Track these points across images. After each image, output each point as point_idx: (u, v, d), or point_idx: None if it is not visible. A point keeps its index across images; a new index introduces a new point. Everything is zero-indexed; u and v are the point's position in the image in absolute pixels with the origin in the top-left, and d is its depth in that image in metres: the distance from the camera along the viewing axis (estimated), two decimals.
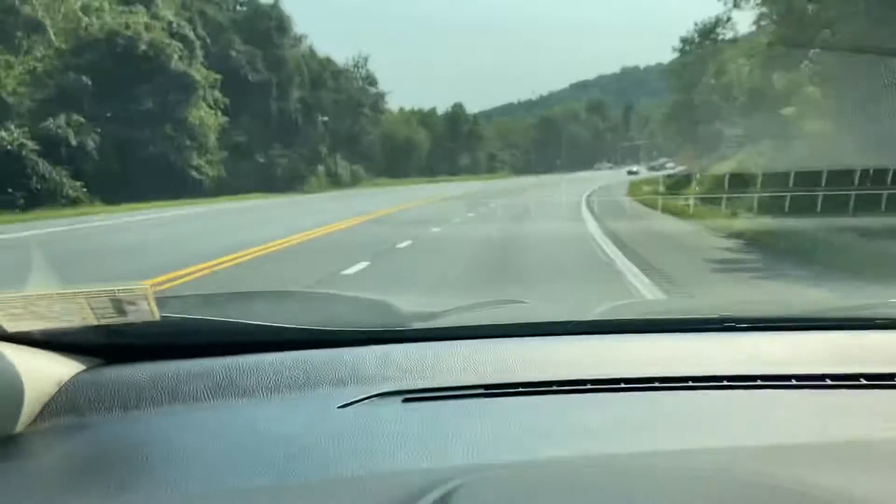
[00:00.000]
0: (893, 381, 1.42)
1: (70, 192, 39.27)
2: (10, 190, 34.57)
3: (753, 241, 13.18)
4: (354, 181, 69.88)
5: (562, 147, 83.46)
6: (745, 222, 15.46)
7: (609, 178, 50.35)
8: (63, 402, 1.35)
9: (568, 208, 25.44)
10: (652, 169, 60.66)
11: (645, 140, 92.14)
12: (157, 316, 1.30)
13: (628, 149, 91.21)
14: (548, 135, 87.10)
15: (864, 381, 1.41)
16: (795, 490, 0.98)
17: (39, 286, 1.35)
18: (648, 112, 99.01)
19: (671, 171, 50.18)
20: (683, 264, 10.95)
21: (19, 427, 1.28)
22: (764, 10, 28.23)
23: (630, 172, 60.67)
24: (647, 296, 7.86)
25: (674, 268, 10.11)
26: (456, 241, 15.35)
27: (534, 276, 9.98)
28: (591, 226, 17.62)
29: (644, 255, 11.18)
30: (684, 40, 50.01)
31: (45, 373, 1.37)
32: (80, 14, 45.80)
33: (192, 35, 52.31)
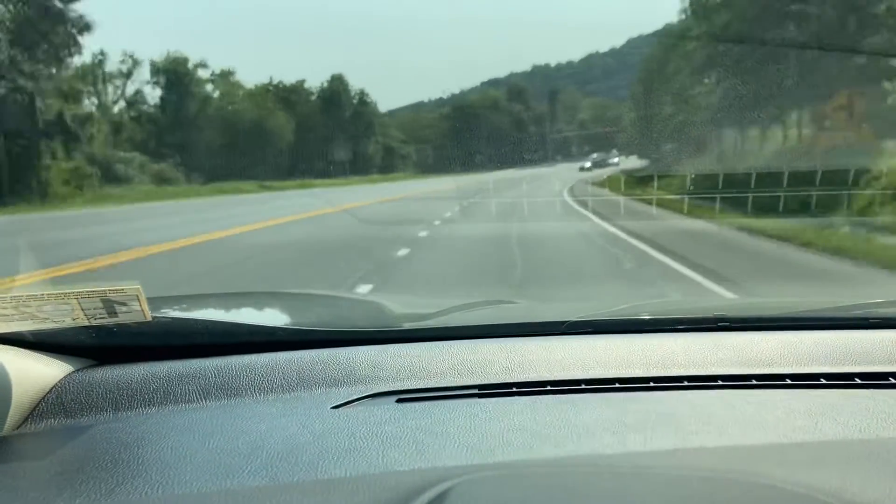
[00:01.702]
0: (888, 380, 1.43)
1: None
2: None
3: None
4: (161, 183, 44.26)
5: (481, 140, 65.33)
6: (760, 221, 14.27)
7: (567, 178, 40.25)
8: (54, 404, 1.34)
9: None
10: (597, 165, 54.53)
11: (575, 131, 79.57)
12: (148, 317, 1.29)
13: (560, 142, 78.26)
14: (463, 126, 69.04)
15: (858, 381, 1.43)
16: (790, 490, 0.99)
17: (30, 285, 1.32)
18: (574, 102, 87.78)
19: (618, 167, 46.34)
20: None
21: (9, 429, 1.27)
22: None
23: (582, 168, 54.33)
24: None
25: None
26: None
27: None
28: None
29: None
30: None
31: (35, 374, 1.36)
32: None
33: None
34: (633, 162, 47.65)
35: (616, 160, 53.90)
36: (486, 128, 69.47)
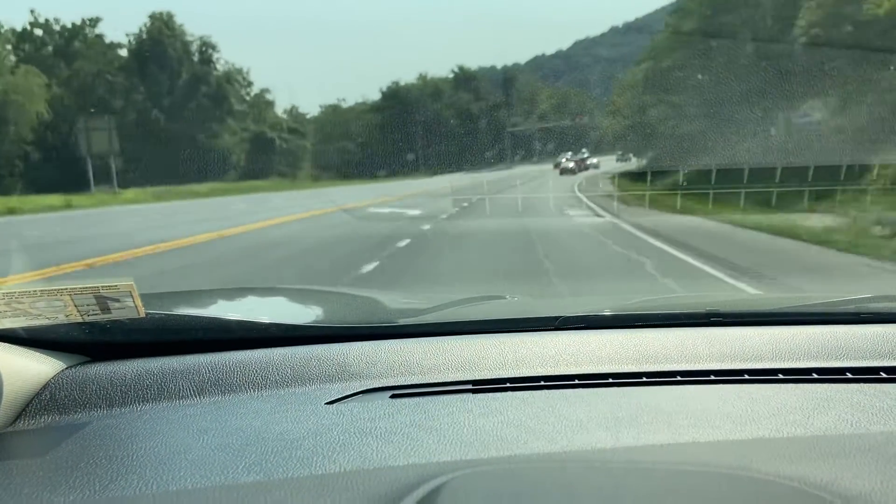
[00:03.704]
0: (879, 374, 1.44)
1: None
2: None
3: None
4: None
5: (419, 136, 51.31)
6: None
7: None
8: (47, 401, 1.34)
9: None
10: (581, 167, 44.94)
11: (536, 124, 63.95)
12: (142, 313, 1.29)
13: (519, 138, 63.04)
14: (398, 120, 54.14)
15: (849, 376, 1.43)
16: (782, 484, 0.99)
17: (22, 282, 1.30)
18: (532, 93, 71.42)
19: (598, 168, 41.09)
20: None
21: (2, 426, 1.27)
22: None
23: (564, 171, 43.74)
24: None
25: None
26: None
27: None
28: None
29: None
30: None
31: (28, 371, 1.35)
32: None
33: None
34: (615, 161, 41.35)
35: (596, 161, 47.07)
36: (426, 122, 55.47)
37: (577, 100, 64.98)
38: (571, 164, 44.95)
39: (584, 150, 49.14)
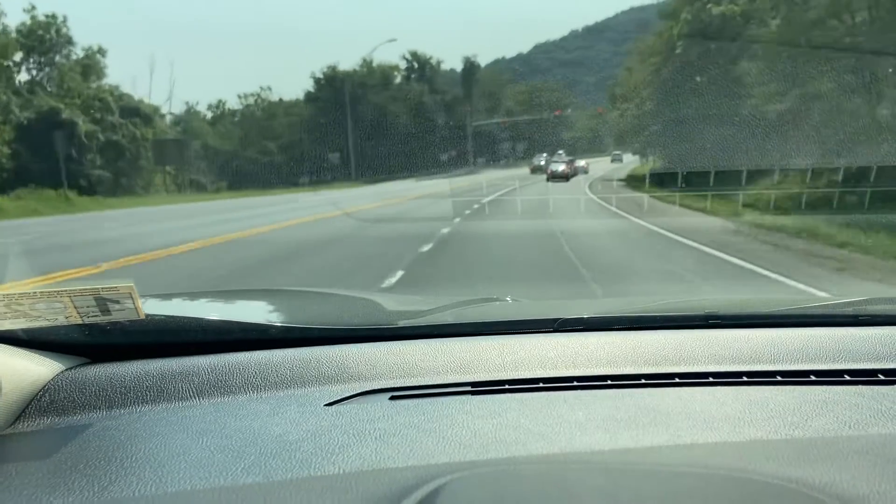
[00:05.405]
0: (876, 376, 1.44)
1: None
2: None
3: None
4: None
5: (348, 135, 43.86)
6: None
7: None
8: (47, 402, 1.34)
9: None
10: (567, 171, 36.62)
11: (499, 119, 56.19)
12: (142, 314, 1.29)
13: (483, 138, 54.94)
14: (334, 113, 43.86)
15: (847, 378, 1.44)
16: (780, 485, 1.00)
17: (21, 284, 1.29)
18: (495, 88, 61.69)
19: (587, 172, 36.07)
20: None
21: (2, 427, 1.27)
22: None
23: (555, 176, 35.28)
24: None
25: None
26: None
27: None
28: None
29: None
30: None
31: (28, 372, 1.35)
32: None
33: None
34: (610, 162, 37.92)
35: (584, 163, 41.62)
36: (369, 116, 45.19)
37: (552, 94, 57.90)
38: (562, 167, 35.60)
39: (560, 151, 42.82)
